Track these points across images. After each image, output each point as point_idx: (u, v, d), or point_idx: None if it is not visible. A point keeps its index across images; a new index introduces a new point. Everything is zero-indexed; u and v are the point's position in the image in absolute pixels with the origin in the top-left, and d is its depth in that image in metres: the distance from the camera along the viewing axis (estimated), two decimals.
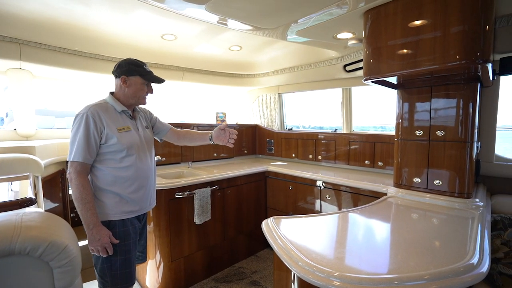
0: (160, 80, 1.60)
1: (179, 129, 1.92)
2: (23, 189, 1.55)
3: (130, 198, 1.48)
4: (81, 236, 3.25)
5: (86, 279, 2.50)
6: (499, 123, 2.00)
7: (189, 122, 3.06)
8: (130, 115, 1.56)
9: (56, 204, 2.64)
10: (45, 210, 1.91)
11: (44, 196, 1.98)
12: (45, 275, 0.82)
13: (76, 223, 3.23)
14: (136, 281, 2.01)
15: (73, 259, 0.85)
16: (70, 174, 1.35)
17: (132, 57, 1.60)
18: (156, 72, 1.64)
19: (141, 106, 1.67)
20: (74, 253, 0.85)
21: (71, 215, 2.92)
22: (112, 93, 1.56)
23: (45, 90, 3.08)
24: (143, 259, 1.74)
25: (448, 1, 1.34)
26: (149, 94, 1.60)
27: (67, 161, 2.97)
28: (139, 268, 2.44)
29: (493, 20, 1.43)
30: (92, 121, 1.37)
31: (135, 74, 1.50)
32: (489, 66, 1.37)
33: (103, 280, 1.44)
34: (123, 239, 1.45)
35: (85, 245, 3.16)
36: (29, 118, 2.65)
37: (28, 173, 1.75)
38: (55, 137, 2.97)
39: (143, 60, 1.60)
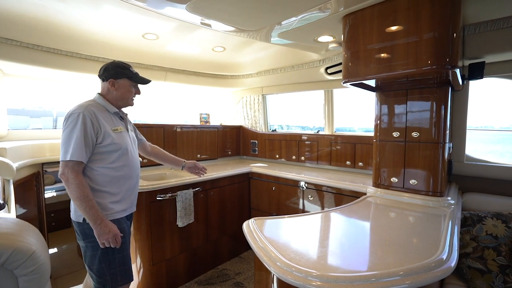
0: (146, 81, 1.64)
1: (149, 144, 2.01)
2: None
3: (122, 197, 1.51)
4: (59, 242, 3.12)
5: (64, 285, 2.40)
6: (469, 125, 2.12)
7: (172, 123, 3.01)
8: (121, 117, 1.60)
9: (30, 209, 2.52)
10: (18, 216, 1.82)
11: (16, 200, 1.88)
12: (9, 284, 0.76)
13: (53, 228, 3.10)
14: None
15: (41, 266, 0.80)
16: (65, 174, 1.31)
17: (115, 59, 1.62)
18: (138, 72, 1.65)
19: (123, 110, 1.68)
20: (41, 260, 0.81)
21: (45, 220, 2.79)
22: (100, 94, 1.55)
23: (19, 89, 2.94)
24: None
25: (419, 9, 1.40)
26: (136, 95, 1.64)
27: (42, 164, 2.83)
28: None
29: (461, 28, 1.51)
30: (89, 121, 1.36)
31: (123, 77, 1.54)
32: (457, 71, 1.44)
33: (101, 279, 1.43)
34: (122, 236, 1.46)
35: (59, 252, 3.03)
36: (0, 117, 2.51)
37: None
38: (29, 138, 2.84)
39: (123, 60, 1.61)
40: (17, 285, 0.77)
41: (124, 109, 1.67)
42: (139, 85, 1.65)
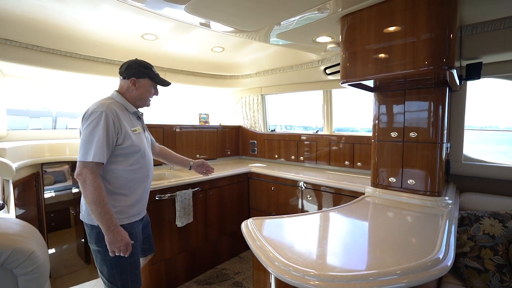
0: (167, 83, 1.63)
1: (158, 144, 1.96)
2: None
3: (137, 199, 1.47)
4: (59, 242, 3.13)
5: (64, 285, 2.41)
6: (474, 124, 2.12)
7: (172, 123, 3.01)
8: (138, 116, 1.56)
9: (30, 209, 2.53)
10: (17, 216, 1.83)
11: (15, 201, 1.89)
12: (8, 283, 0.77)
13: (53, 229, 3.10)
14: None
15: (40, 266, 0.81)
16: (83, 175, 1.25)
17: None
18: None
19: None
20: (40, 259, 0.81)
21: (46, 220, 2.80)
22: (118, 92, 1.51)
23: (18, 89, 2.94)
24: (152, 250, 1.76)
25: (416, 10, 1.41)
26: (154, 96, 1.61)
27: (42, 164, 2.83)
28: None
29: (458, 28, 1.52)
30: (111, 120, 1.32)
31: (145, 76, 1.50)
32: (454, 72, 1.45)
33: (112, 285, 1.42)
34: (133, 241, 1.44)
35: (59, 252, 3.04)
36: None
37: None
38: (29, 138, 2.84)
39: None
40: (17, 285, 0.78)
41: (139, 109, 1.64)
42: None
